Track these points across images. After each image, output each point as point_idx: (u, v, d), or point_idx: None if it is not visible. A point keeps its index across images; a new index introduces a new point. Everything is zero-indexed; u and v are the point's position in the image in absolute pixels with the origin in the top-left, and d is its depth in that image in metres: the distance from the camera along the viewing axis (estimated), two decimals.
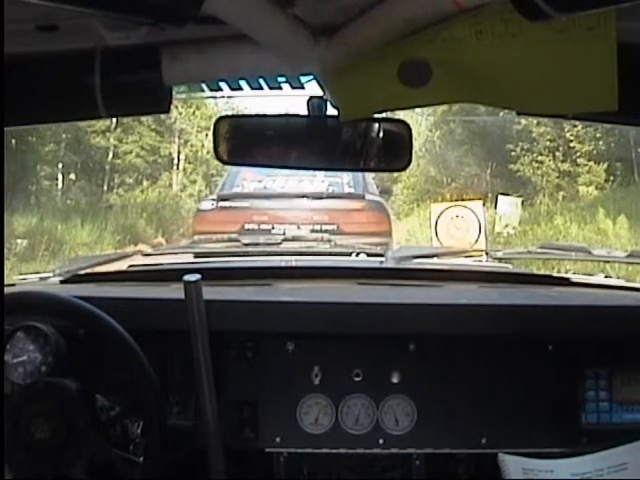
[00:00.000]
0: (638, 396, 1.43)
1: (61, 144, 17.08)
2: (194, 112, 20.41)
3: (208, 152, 20.83)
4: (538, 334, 1.44)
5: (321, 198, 6.24)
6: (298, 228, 5.91)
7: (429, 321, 1.42)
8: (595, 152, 14.77)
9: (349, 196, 6.37)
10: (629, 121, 1.27)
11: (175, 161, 21.19)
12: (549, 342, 1.43)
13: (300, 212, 6.16)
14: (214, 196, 6.80)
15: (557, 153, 15.58)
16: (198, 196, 21.26)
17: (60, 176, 17.23)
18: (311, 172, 6.20)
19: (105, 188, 18.71)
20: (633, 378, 1.44)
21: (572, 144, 14.93)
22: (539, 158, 15.77)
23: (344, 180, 6.51)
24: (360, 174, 6.51)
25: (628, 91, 0.98)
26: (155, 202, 18.19)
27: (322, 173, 6.29)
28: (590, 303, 1.55)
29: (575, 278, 1.95)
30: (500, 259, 2.27)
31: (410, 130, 1.34)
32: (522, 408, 1.42)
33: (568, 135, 14.69)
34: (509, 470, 1.35)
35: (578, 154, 15.02)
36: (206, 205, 6.79)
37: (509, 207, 10.44)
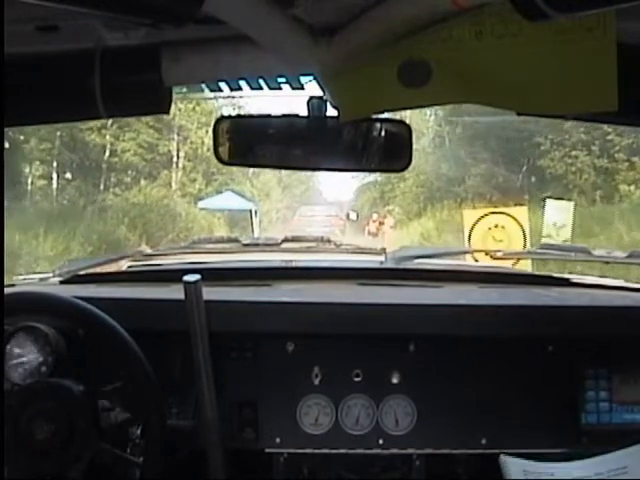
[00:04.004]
0: (638, 396, 1.43)
1: (55, 142, 16.30)
2: (194, 108, 19.81)
3: (208, 149, 20.00)
4: (538, 334, 1.44)
5: (326, 216, 21.68)
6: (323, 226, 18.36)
7: (429, 321, 1.42)
8: (635, 146, 13.05)
9: (333, 215, 22.17)
10: (629, 121, 1.27)
11: (174, 159, 20.53)
12: (549, 342, 1.43)
13: (321, 219, 21.65)
14: (300, 212, 24.33)
15: (593, 147, 13.75)
16: (197, 195, 20.15)
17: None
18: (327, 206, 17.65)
19: (102, 187, 17.92)
20: (633, 378, 1.43)
21: (609, 137, 13.16)
22: (573, 153, 13.92)
23: (332, 210, 23.82)
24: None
25: (628, 91, 0.98)
26: (142, 204, 16.55)
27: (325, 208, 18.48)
28: (590, 303, 1.55)
29: (575, 278, 1.95)
30: (500, 259, 2.27)
31: (410, 130, 1.34)
32: (522, 408, 1.42)
33: (605, 127, 12.49)
34: (510, 472, 1.35)
35: (617, 148, 13.23)
36: (298, 215, 23.76)
37: (559, 213, 8.16)
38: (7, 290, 1.34)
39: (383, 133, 1.33)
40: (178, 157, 20.73)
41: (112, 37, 1.07)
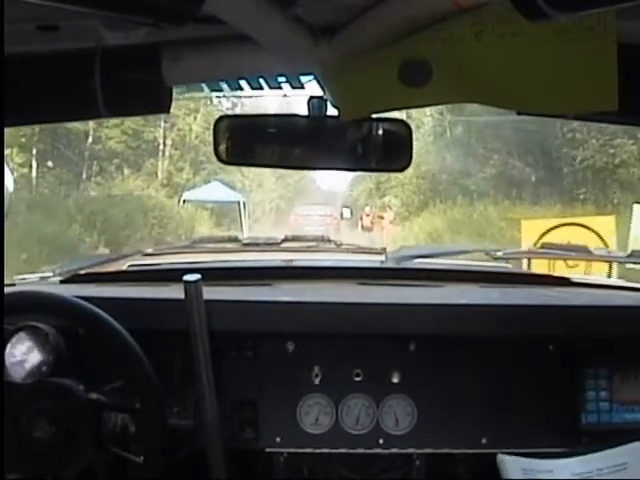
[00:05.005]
0: (638, 396, 1.43)
1: (35, 127, 13.95)
2: (181, 92, 19.03)
3: (197, 137, 19.10)
4: (538, 334, 1.44)
5: (321, 215, 19.47)
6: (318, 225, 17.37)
7: (429, 321, 1.42)
8: None
9: (328, 215, 19.70)
10: (629, 121, 1.27)
11: (160, 147, 19.26)
12: (549, 342, 1.43)
13: (316, 218, 18.90)
14: (296, 211, 20.77)
15: None
16: (185, 185, 18.25)
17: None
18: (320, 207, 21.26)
19: (84, 176, 16.61)
20: (633, 378, 1.44)
21: None
22: (615, 142, 11.23)
23: (327, 210, 20.58)
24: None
25: (628, 91, 0.98)
26: (100, 198, 14.21)
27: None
28: (590, 303, 1.55)
29: (575, 278, 1.95)
30: (500, 259, 2.27)
31: (410, 130, 1.34)
32: (522, 408, 1.42)
33: None
34: (508, 471, 1.35)
35: None
36: (294, 215, 20.11)
37: None
38: (7, 289, 1.34)
39: (383, 132, 1.34)
40: (164, 145, 19.54)
41: (112, 37, 1.07)
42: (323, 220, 18.75)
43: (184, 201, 17.90)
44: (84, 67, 1.12)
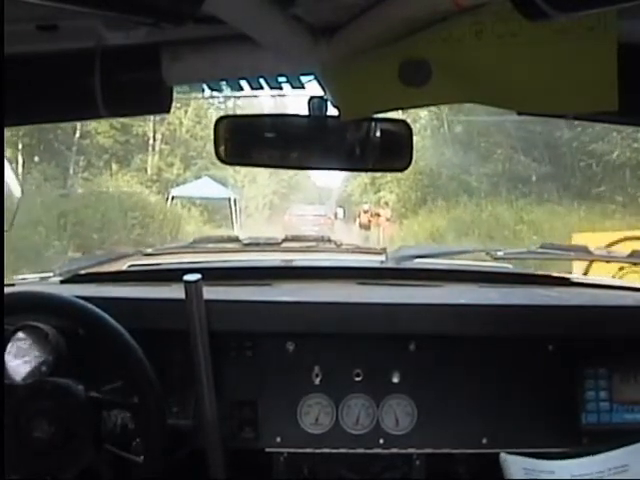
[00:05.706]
0: (638, 396, 1.43)
1: None
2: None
3: (187, 131, 18.57)
4: (538, 334, 1.44)
5: (315, 215, 19.51)
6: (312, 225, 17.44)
7: (429, 321, 1.42)
8: None
9: (322, 214, 19.95)
10: (629, 121, 1.27)
11: (150, 141, 18.61)
12: (549, 342, 1.43)
13: (311, 219, 18.59)
14: (291, 211, 20.63)
15: None
16: (175, 181, 17.43)
17: None
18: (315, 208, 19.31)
19: (71, 172, 15.75)
20: (633, 378, 1.44)
21: None
22: None
23: (321, 210, 21.56)
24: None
25: (628, 91, 0.98)
26: (76, 196, 13.33)
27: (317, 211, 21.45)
28: (590, 303, 1.55)
29: (575, 278, 1.95)
30: (500, 259, 2.27)
31: (410, 130, 1.34)
32: (522, 408, 1.42)
33: None
34: (510, 470, 1.35)
35: None
36: (289, 215, 19.78)
37: None
38: (7, 290, 1.34)
39: (383, 132, 1.34)
40: (154, 139, 18.94)
41: (112, 36, 1.07)
42: (317, 220, 18.53)
43: (172, 198, 17.19)
44: (84, 67, 1.12)
